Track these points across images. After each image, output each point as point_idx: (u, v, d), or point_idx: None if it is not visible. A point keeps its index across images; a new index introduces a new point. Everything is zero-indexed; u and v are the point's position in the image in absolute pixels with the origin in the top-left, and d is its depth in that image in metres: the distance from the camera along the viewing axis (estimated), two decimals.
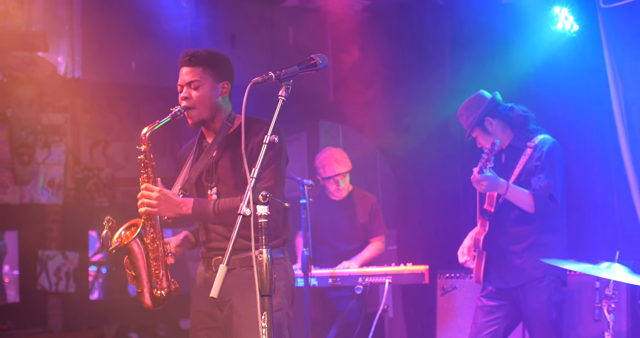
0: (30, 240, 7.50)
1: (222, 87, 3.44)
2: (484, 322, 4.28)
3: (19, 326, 7.27)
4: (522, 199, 4.09)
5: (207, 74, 3.38)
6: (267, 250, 2.49)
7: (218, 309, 3.45)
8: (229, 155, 3.43)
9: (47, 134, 7.44)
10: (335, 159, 5.55)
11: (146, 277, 3.41)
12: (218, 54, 3.47)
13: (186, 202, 3.31)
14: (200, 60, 3.38)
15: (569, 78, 5.31)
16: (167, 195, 3.28)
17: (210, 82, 3.39)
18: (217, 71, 3.42)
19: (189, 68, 3.38)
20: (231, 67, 3.51)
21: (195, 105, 3.38)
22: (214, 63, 3.41)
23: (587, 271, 3.90)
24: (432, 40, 6.51)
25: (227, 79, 3.46)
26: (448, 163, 6.32)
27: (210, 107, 3.40)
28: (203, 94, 3.37)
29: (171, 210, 3.29)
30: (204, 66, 3.38)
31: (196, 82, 3.37)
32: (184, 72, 3.40)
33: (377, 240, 5.63)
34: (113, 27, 6.34)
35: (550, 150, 4.15)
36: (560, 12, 5.32)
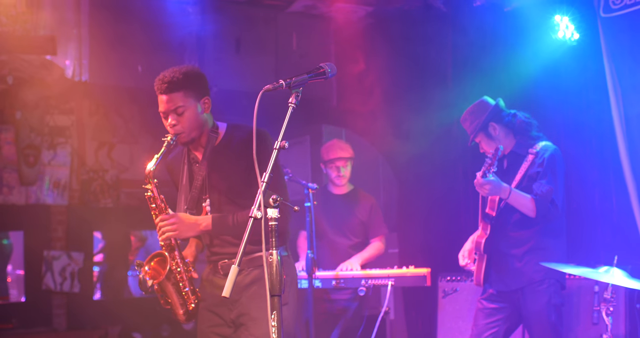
0: (36, 240, 7.56)
1: (204, 104, 3.49)
2: (485, 324, 4.35)
3: (24, 325, 7.32)
4: (524, 204, 4.17)
5: (188, 96, 3.41)
6: (277, 252, 2.58)
7: (227, 309, 3.54)
8: (219, 168, 3.52)
9: (53, 136, 7.50)
10: (339, 145, 5.69)
11: (179, 301, 3.54)
12: (192, 72, 3.46)
13: (205, 219, 3.44)
14: (178, 85, 3.38)
15: (569, 86, 5.38)
16: (183, 218, 3.42)
17: (193, 103, 3.42)
18: (196, 90, 3.44)
19: (170, 95, 3.38)
20: (205, 80, 3.53)
21: (184, 130, 3.43)
22: (192, 84, 3.42)
23: (587, 275, 3.97)
24: (435, 47, 6.57)
25: (206, 94, 3.50)
26: (449, 168, 6.38)
27: (198, 126, 3.47)
28: (189, 117, 3.42)
29: (192, 230, 3.43)
30: (184, 89, 3.39)
31: (180, 108, 3.39)
32: (165, 100, 3.40)
33: (377, 240, 5.70)
34: (120, 31, 6.43)
35: (551, 157, 4.23)
36: (561, 20, 5.39)
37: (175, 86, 3.37)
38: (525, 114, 4.44)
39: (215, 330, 3.59)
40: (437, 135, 6.32)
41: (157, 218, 3.46)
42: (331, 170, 5.65)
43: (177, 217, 3.41)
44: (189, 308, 3.55)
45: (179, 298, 3.54)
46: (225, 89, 6.73)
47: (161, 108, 3.43)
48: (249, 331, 3.44)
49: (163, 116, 3.46)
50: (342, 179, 5.67)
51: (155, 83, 3.44)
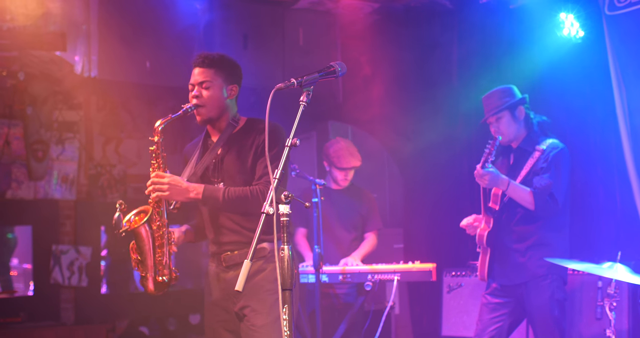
0: (44, 234, 7.61)
1: (231, 90, 3.64)
2: (489, 319, 4.39)
3: (32, 319, 7.38)
4: (523, 196, 4.21)
5: (218, 75, 3.59)
6: (288, 247, 2.63)
7: (231, 302, 3.59)
8: (234, 153, 3.60)
9: (62, 131, 7.55)
10: (350, 152, 5.72)
11: (151, 262, 3.52)
12: (230, 58, 3.68)
13: (196, 187, 3.48)
14: (213, 63, 3.59)
15: (573, 83, 5.40)
16: (177, 181, 3.46)
17: (220, 84, 3.60)
18: (228, 74, 3.63)
19: (202, 69, 3.59)
20: (240, 72, 3.72)
21: (205, 104, 3.58)
22: (225, 66, 3.63)
23: (591, 270, 4.01)
24: (440, 43, 6.59)
25: (235, 83, 3.67)
26: (455, 164, 6.41)
27: (219, 107, 3.60)
28: (213, 94, 3.58)
29: (181, 194, 3.46)
30: (216, 68, 3.59)
31: (207, 83, 3.57)
32: (197, 72, 3.60)
33: (372, 234, 5.76)
34: (128, 27, 6.47)
35: (557, 154, 4.27)
36: (566, 18, 5.41)
37: (210, 62, 3.59)
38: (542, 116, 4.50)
39: (224, 326, 3.64)
40: (443, 131, 6.35)
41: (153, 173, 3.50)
42: (338, 173, 5.70)
43: (172, 177, 3.46)
44: (157, 279, 3.52)
45: (151, 261, 3.51)
46: None
47: (191, 80, 3.61)
48: (250, 322, 3.49)
49: (190, 88, 3.61)
50: (347, 182, 5.74)
51: (194, 57, 3.63)
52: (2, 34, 5.53)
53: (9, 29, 5.51)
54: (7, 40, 5.64)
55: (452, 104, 6.33)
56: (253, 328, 3.48)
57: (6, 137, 7.26)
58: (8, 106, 7.20)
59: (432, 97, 6.46)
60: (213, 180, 3.63)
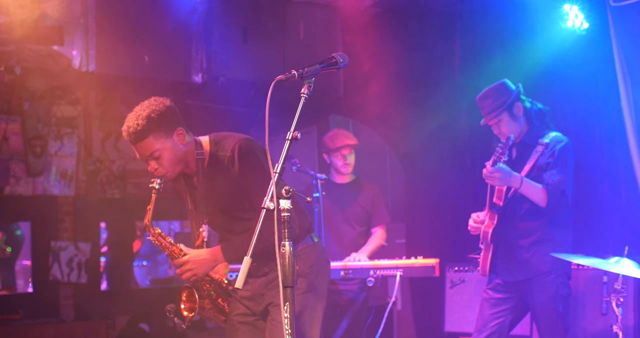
0: (43, 231, 7.58)
1: (178, 136, 3.42)
2: (491, 314, 4.33)
3: (32, 316, 7.34)
4: (536, 193, 4.14)
5: (157, 139, 3.35)
6: (289, 243, 2.57)
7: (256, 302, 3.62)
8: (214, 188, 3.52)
9: (60, 126, 7.50)
10: (344, 133, 5.67)
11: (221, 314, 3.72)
12: (154, 111, 3.36)
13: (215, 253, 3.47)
14: (144, 132, 3.32)
15: (578, 75, 5.36)
16: (197, 259, 3.47)
17: (166, 142, 3.38)
18: (164, 128, 3.37)
19: (140, 144, 3.35)
20: (172, 111, 3.42)
21: (167, 169, 3.43)
22: (157, 125, 3.35)
23: (597, 265, 3.96)
24: (443, 36, 6.54)
25: (177, 126, 3.42)
26: (457, 158, 6.37)
27: (179, 161, 3.46)
28: (167, 158, 3.40)
29: (208, 267, 3.49)
30: (152, 134, 3.34)
31: (156, 152, 3.36)
32: (137, 149, 3.39)
33: (379, 228, 5.68)
34: (127, 21, 6.41)
35: (563, 149, 4.20)
36: (570, 9, 5.36)
37: (142, 134, 3.32)
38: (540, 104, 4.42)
39: (241, 319, 3.65)
40: (445, 125, 6.31)
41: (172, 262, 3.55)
42: (337, 158, 5.61)
43: (190, 261, 3.46)
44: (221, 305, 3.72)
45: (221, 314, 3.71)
46: (232, 78, 6.72)
47: (137, 155, 3.43)
48: (272, 316, 3.51)
49: (144, 161, 3.44)
50: (348, 167, 5.63)
51: (122, 133, 3.40)
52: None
53: (5, 23, 5.44)
54: (3, 34, 5.57)
55: (454, 97, 6.29)
56: (274, 323, 3.49)
57: (4, 132, 7.21)
58: (6, 101, 7.15)
59: (434, 90, 6.42)
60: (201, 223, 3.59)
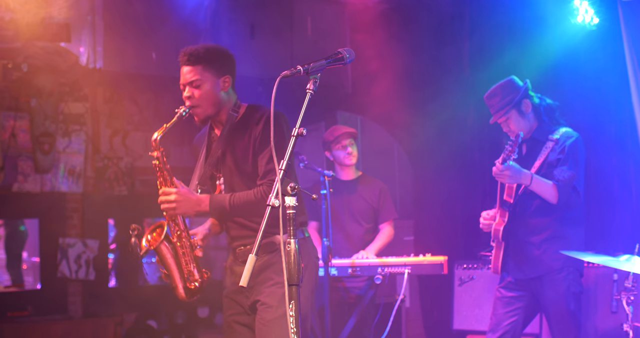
0: (51, 228, 7.58)
1: (224, 82, 3.49)
2: (504, 313, 4.29)
3: (40, 312, 7.35)
4: (546, 190, 4.09)
5: (207, 71, 3.43)
6: (294, 241, 2.54)
7: (244, 296, 3.54)
8: (235, 145, 3.50)
9: (68, 123, 7.50)
10: (342, 126, 5.68)
11: (178, 274, 3.52)
12: (216, 49, 3.51)
13: (203, 199, 3.40)
14: (199, 59, 3.42)
15: (588, 71, 5.31)
16: (185, 195, 3.38)
17: (211, 79, 3.45)
18: (217, 67, 3.46)
19: (189, 67, 3.44)
20: (231, 59, 3.55)
21: (199, 104, 3.44)
22: (213, 59, 3.45)
23: (608, 263, 3.91)
24: (452, 32, 6.50)
25: (227, 73, 3.51)
26: (466, 155, 6.34)
27: (214, 103, 3.47)
28: (205, 92, 3.44)
29: (190, 209, 3.39)
30: (204, 64, 3.43)
31: (197, 81, 3.42)
32: (185, 72, 3.45)
33: (387, 225, 5.64)
34: (134, 18, 6.40)
35: (573, 144, 4.16)
36: (580, 5, 5.32)
37: (196, 59, 3.42)
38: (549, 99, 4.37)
39: (236, 319, 3.60)
40: (454, 122, 6.28)
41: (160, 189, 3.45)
42: (338, 151, 5.56)
43: (179, 193, 3.38)
44: (189, 286, 3.53)
45: (178, 272, 3.52)
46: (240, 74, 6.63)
47: (181, 79, 3.48)
48: (261, 316, 3.44)
49: (182, 88, 3.49)
50: (351, 157, 5.57)
51: (180, 53, 3.47)
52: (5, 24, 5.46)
53: (12, 20, 5.43)
54: (10, 31, 5.56)
55: (463, 94, 6.25)
56: (262, 322, 3.42)
57: (12, 129, 7.21)
58: (14, 98, 7.14)
59: (443, 86, 6.38)
60: (216, 175, 3.56)
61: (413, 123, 6.81)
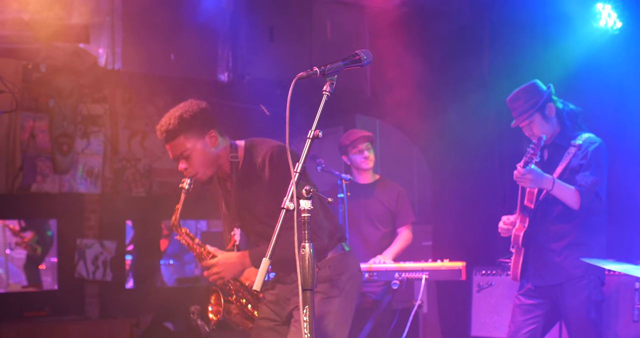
0: (69, 228, 7.61)
1: (210, 138, 3.46)
2: (523, 321, 4.23)
3: (57, 313, 7.37)
4: (568, 195, 4.03)
5: (189, 139, 3.41)
6: (309, 245, 2.50)
7: (281, 307, 3.61)
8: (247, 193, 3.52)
9: (87, 124, 7.53)
10: (358, 129, 5.65)
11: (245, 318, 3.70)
12: (188, 112, 3.42)
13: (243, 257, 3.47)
14: (176, 132, 3.39)
15: (611, 75, 5.25)
16: (225, 263, 3.48)
17: (197, 143, 3.43)
18: (197, 129, 3.42)
19: (170, 144, 3.43)
20: (206, 112, 3.47)
21: (197, 170, 3.47)
22: (190, 125, 3.41)
23: (629, 271, 3.84)
24: (471, 36, 6.45)
25: (210, 128, 3.46)
26: (485, 160, 6.28)
27: (211, 164, 3.49)
28: (197, 159, 3.44)
29: (235, 271, 3.50)
30: (183, 134, 3.40)
31: (186, 152, 3.42)
32: (170, 148, 3.46)
33: (405, 228, 5.59)
34: (153, 19, 6.38)
35: (596, 150, 4.09)
36: (603, 8, 5.26)
37: (173, 133, 3.40)
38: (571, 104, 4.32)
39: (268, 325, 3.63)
40: (473, 126, 6.22)
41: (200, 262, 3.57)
42: (355, 155, 5.52)
43: (218, 264, 3.47)
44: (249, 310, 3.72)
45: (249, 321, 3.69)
46: (259, 77, 6.68)
47: (169, 155, 3.50)
48: (295, 318, 3.48)
49: (175, 160, 3.51)
50: (369, 161, 5.53)
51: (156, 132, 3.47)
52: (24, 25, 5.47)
53: (31, 20, 5.44)
54: (29, 31, 5.58)
55: (483, 98, 6.19)
56: (295, 324, 3.46)
57: (31, 130, 7.25)
58: (34, 99, 7.18)
59: (463, 91, 6.32)
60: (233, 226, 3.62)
61: (432, 127, 6.76)
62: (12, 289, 9.03)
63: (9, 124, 7.14)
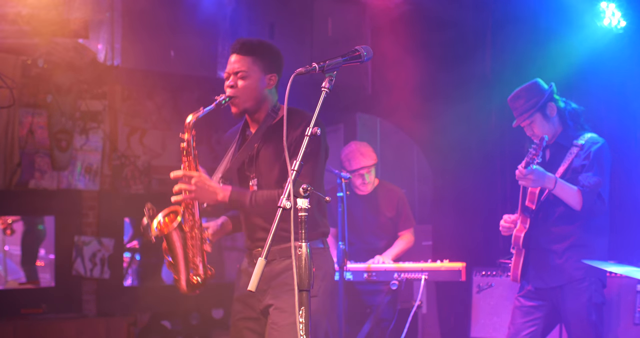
0: (67, 225, 7.55)
1: (270, 79, 3.41)
2: (523, 323, 4.19)
3: (54, 310, 7.32)
4: (571, 195, 3.98)
5: (256, 64, 3.36)
6: (306, 244, 2.45)
7: (257, 300, 3.44)
8: (271, 147, 3.41)
9: (86, 121, 7.48)
10: (361, 152, 5.47)
11: (184, 264, 3.39)
12: (269, 45, 3.45)
13: (224, 189, 3.29)
14: (251, 50, 3.35)
15: (614, 75, 5.22)
16: (205, 182, 3.26)
17: (258, 73, 3.37)
18: (267, 63, 3.39)
19: (239, 56, 3.36)
20: (281, 59, 3.48)
21: (240, 95, 3.36)
22: (264, 54, 3.39)
23: (631, 274, 3.80)
24: (474, 34, 6.42)
25: (275, 72, 3.43)
26: (486, 159, 6.25)
27: (255, 98, 3.38)
28: (249, 85, 3.35)
29: (208, 197, 3.28)
30: (254, 56, 3.35)
31: (244, 72, 3.34)
32: (233, 60, 3.37)
33: (406, 233, 5.55)
34: (153, 15, 6.36)
35: (599, 150, 4.05)
36: (607, 7, 5.24)
37: (247, 49, 3.35)
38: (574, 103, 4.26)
39: (246, 324, 3.49)
40: (475, 125, 6.19)
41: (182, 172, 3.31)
42: (355, 178, 5.46)
43: (200, 178, 3.26)
44: (191, 280, 3.41)
45: (184, 263, 3.40)
46: None
47: (227, 68, 3.40)
48: (273, 320, 3.33)
49: (226, 77, 3.41)
50: (368, 185, 5.50)
51: (232, 43, 3.42)
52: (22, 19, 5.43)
53: (29, 15, 5.40)
54: (27, 26, 5.53)
55: (485, 97, 6.16)
56: (274, 327, 3.32)
57: (30, 126, 7.19)
58: (32, 95, 7.13)
59: (464, 90, 6.29)
60: (248, 175, 3.47)
61: (433, 126, 6.72)
62: (10, 286, 8.99)
63: (7, 119, 7.09)
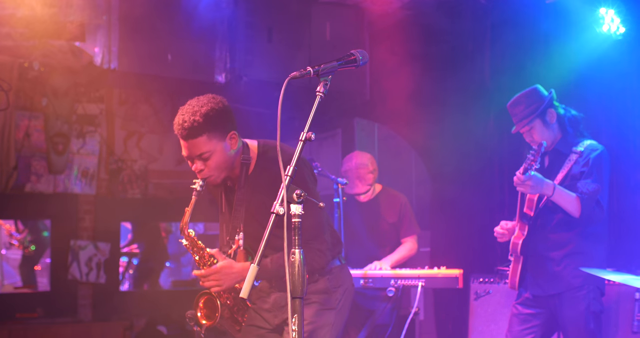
0: (63, 229, 7.53)
1: (230, 139, 3.21)
2: (520, 330, 4.16)
3: (49, 315, 7.29)
4: (569, 202, 3.95)
5: (211, 140, 3.14)
6: (299, 251, 2.41)
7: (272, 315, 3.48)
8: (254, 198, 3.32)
9: (82, 124, 7.46)
10: (358, 175, 5.41)
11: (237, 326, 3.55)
12: (213, 110, 3.13)
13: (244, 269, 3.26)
14: (199, 130, 3.10)
15: (613, 81, 5.18)
16: (225, 272, 3.26)
17: (219, 145, 3.17)
18: (219, 129, 3.16)
19: (192, 141, 3.13)
20: (229, 112, 3.21)
21: (213, 173, 3.22)
22: (214, 124, 3.13)
23: (630, 282, 3.76)
24: (472, 40, 6.39)
25: (230, 129, 3.21)
26: (485, 165, 6.21)
27: (228, 166, 3.25)
28: (217, 160, 3.19)
29: (235, 280, 3.29)
30: (206, 133, 3.12)
31: (206, 154, 3.16)
32: (188, 146, 3.16)
33: (408, 240, 5.51)
34: (150, 19, 6.33)
35: (598, 157, 4.02)
36: (606, 13, 5.18)
37: (197, 131, 3.10)
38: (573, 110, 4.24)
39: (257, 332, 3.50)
40: (474, 132, 6.15)
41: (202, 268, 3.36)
42: (352, 179, 5.43)
43: (218, 272, 3.25)
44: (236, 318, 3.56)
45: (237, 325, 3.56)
46: (256, 79, 6.61)
47: (184, 152, 3.20)
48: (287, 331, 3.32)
49: (187, 159, 3.23)
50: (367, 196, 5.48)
51: (174, 125, 3.16)
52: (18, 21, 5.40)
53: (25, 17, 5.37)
54: (24, 28, 5.50)
55: (484, 103, 6.13)
56: None
57: (26, 129, 7.17)
58: (29, 98, 7.10)
59: (463, 96, 6.26)
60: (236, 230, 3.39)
61: (431, 132, 6.68)
62: (5, 290, 8.95)
63: (3, 122, 7.07)
